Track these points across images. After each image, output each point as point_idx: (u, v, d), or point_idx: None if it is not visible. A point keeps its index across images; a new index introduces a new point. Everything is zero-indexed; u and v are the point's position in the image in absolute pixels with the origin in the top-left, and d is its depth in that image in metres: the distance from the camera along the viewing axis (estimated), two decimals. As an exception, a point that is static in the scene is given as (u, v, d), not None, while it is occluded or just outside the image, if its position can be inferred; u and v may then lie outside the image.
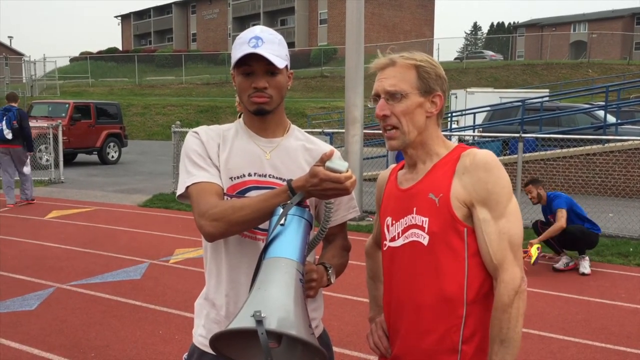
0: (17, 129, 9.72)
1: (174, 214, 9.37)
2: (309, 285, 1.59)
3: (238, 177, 1.73)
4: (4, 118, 9.69)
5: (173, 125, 11.64)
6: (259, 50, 1.64)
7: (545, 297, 5.30)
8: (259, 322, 1.28)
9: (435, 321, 1.58)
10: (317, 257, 1.84)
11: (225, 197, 1.71)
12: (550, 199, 6.43)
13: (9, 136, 9.66)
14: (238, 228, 1.62)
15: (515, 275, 1.52)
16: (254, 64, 1.67)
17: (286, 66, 1.73)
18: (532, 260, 5.93)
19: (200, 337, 1.79)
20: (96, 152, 18.00)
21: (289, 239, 1.49)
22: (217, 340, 1.36)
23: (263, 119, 1.76)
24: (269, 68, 1.67)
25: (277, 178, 1.74)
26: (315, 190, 1.54)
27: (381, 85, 1.62)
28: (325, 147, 1.82)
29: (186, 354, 1.87)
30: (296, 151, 1.79)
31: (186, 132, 11.51)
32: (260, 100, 1.69)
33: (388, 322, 1.74)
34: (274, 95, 1.71)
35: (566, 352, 4.13)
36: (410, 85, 1.60)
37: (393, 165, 1.83)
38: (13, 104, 9.99)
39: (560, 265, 6.25)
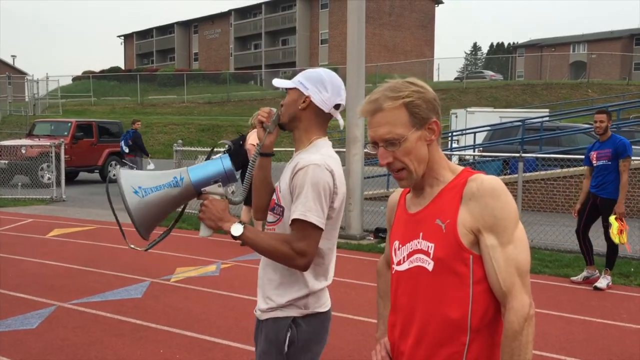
0: (131, 146, 14.44)
1: (175, 233, 9.32)
2: (200, 209, 1.99)
3: None
4: (123, 139, 14.86)
5: (175, 144, 11.69)
6: (275, 79, 2.25)
7: (546, 317, 5.29)
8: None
9: (438, 347, 1.59)
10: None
11: None
12: (615, 139, 6.23)
13: (126, 150, 14.49)
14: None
15: (524, 302, 1.52)
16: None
17: (298, 90, 2.11)
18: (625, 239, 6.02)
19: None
20: (98, 171, 18.05)
21: (202, 167, 1.99)
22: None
23: (292, 135, 2.16)
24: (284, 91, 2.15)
25: (278, 187, 2.12)
26: None
27: (376, 133, 1.61)
28: (307, 157, 2.03)
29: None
30: (291, 163, 2.10)
31: (188, 151, 11.64)
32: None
33: (392, 344, 1.75)
34: (283, 110, 2.14)
35: (568, 372, 4.12)
36: (405, 126, 1.59)
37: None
38: (131, 128, 14.70)
39: (603, 284, 6.25)
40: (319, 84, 2.09)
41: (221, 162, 1.98)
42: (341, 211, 2.10)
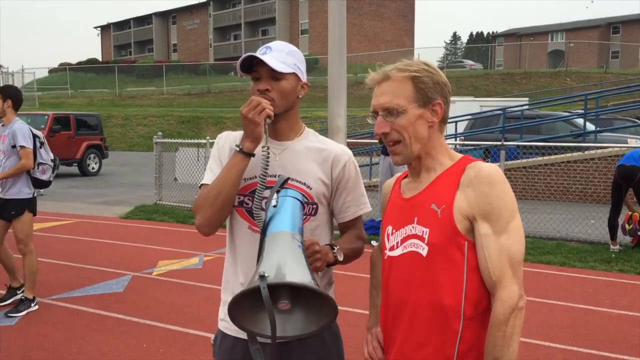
0: None
1: (156, 226, 9.28)
2: (313, 258, 1.67)
3: (250, 179, 1.85)
4: None
5: (155, 136, 11.55)
6: (261, 56, 1.78)
7: (529, 304, 5.30)
8: (262, 277, 1.38)
9: (430, 333, 1.56)
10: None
11: (238, 196, 1.85)
12: None
13: None
14: (217, 208, 1.77)
15: (513, 293, 1.50)
16: (259, 69, 1.81)
17: (296, 75, 1.84)
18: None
19: (222, 322, 1.95)
20: (76, 164, 17.81)
21: (282, 216, 1.63)
22: (234, 309, 1.46)
23: (274, 122, 1.82)
24: (273, 73, 1.79)
25: None
26: (248, 125, 1.72)
27: (377, 101, 1.61)
28: (335, 147, 1.92)
29: (213, 336, 2.02)
30: (306, 152, 1.89)
31: (167, 143, 11.51)
32: None
33: (384, 331, 1.73)
34: (277, 99, 1.80)
35: (552, 358, 4.15)
36: (408, 99, 1.59)
37: (398, 174, 1.81)
38: None
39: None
40: None
41: (287, 197, 1.72)
42: None
